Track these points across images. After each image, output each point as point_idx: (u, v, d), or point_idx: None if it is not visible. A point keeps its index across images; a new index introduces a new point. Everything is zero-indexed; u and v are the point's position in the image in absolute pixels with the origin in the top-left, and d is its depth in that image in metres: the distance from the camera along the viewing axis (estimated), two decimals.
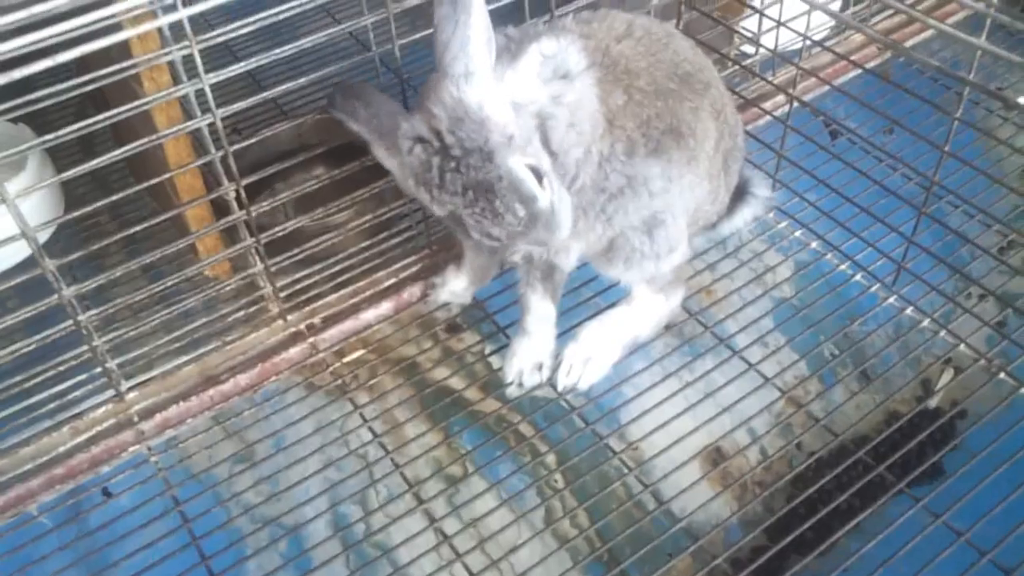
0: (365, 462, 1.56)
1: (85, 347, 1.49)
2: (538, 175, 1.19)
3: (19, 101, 1.19)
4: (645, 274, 1.56)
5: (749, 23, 1.99)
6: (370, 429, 1.59)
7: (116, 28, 1.13)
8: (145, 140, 1.34)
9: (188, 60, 1.32)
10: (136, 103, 1.31)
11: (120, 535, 1.43)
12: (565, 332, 1.65)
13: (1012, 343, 1.61)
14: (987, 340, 1.65)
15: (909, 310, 1.70)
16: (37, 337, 1.42)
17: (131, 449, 1.56)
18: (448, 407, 1.63)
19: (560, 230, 1.24)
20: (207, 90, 1.35)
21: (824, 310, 1.74)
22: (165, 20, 1.19)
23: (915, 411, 1.58)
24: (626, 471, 1.52)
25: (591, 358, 1.62)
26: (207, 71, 1.34)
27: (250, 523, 1.48)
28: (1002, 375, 1.58)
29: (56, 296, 1.38)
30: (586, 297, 1.75)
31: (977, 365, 1.61)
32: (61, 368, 1.49)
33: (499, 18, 1.26)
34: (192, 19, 1.26)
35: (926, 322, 1.68)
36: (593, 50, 1.38)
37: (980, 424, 1.50)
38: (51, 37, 1.00)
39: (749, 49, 2.03)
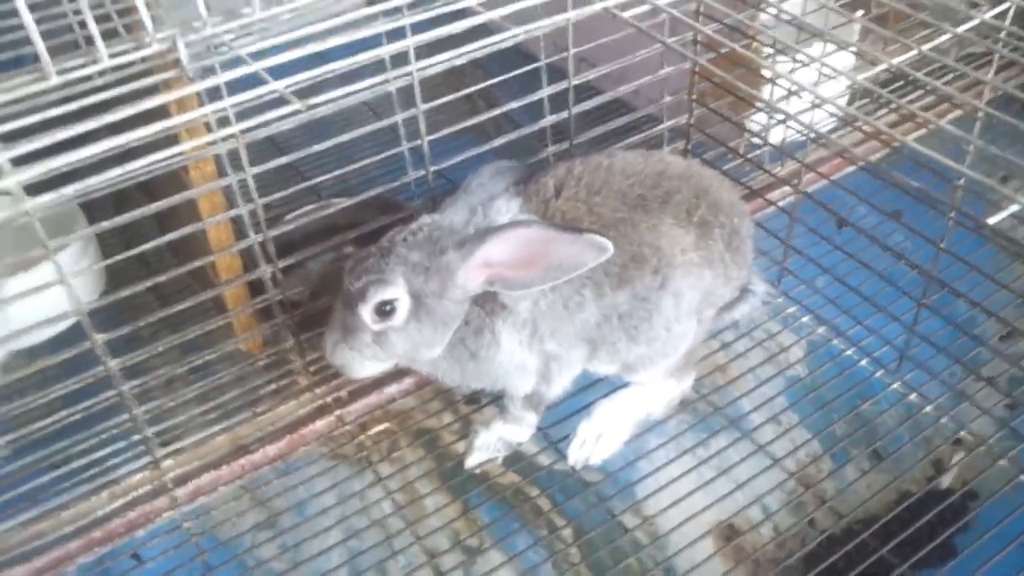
0: (386, 532, 1.60)
1: (125, 416, 1.56)
2: (391, 308, 1.37)
3: (73, 189, 1.15)
4: (662, 370, 1.64)
5: (758, 117, 2.09)
6: (392, 500, 1.65)
7: (174, 140, 1.23)
8: (190, 227, 1.45)
9: (232, 152, 1.43)
10: (183, 194, 1.42)
11: None
12: (580, 410, 1.71)
13: (1012, 431, 1.64)
14: (993, 422, 1.69)
15: (913, 396, 1.75)
16: (82, 406, 1.49)
17: (165, 515, 1.62)
18: (468, 480, 1.69)
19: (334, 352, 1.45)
20: (250, 181, 1.46)
21: (835, 391, 1.79)
22: (219, 134, 1.29)
23: (925, 490, 1.61)
24: (641, 546, 1.56)
25: (603, 434, 1.68)
26: (250, 161, 1.44)
27: None
28: (1003, 462, 1.62)
29: (101, 367, 1.46)
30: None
31: (980, 450, 1.65)
32: (103, 436, 1.56)
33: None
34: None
35: (929, 407, 1.73)
36: (533, 212, 1.48)
37: (989, 504, 1.53)
38: (113, 148, 1.10)
39: (758, 141, 2.13)
